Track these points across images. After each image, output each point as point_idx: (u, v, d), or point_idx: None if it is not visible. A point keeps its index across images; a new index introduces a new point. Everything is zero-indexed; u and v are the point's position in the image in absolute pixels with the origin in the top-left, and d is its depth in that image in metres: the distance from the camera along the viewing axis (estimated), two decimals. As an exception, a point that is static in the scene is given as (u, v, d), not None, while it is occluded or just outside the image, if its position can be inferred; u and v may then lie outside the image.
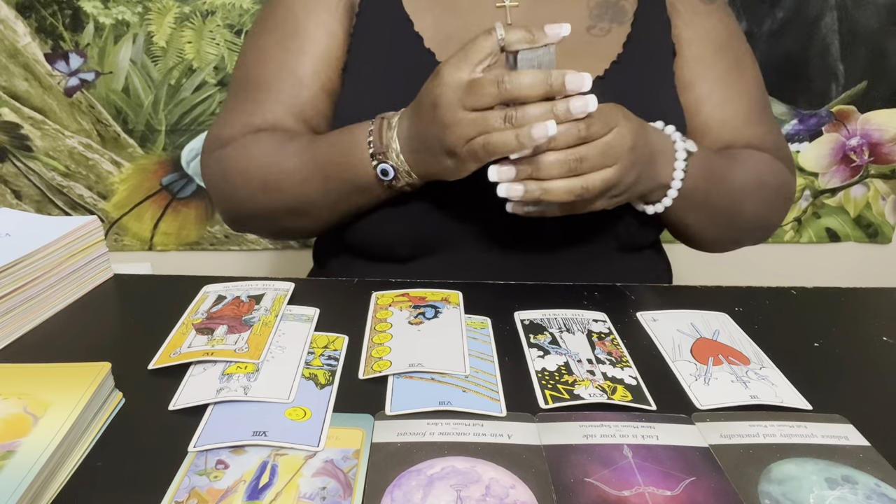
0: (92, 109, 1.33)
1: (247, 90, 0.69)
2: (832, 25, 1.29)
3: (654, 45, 0.71)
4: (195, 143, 1.38)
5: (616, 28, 0.70)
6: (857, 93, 1.35)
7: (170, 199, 1.42)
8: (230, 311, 0.52)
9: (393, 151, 0.58)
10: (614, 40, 0.69)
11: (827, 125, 1.37)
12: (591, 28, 0.69)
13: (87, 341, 0.50)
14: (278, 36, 0.68)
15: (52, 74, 1.30)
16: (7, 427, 0.36)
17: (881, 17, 1.29)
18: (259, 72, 0.69)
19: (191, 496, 0.34)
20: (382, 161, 0.58)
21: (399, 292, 0.57)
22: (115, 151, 1.37)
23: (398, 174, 0.58)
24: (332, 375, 0.45)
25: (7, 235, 0.54)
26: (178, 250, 1.46)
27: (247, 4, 1.29)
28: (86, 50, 1.29)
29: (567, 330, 0.52)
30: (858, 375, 0.49)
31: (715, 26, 0.73)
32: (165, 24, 1.29)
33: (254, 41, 0.71)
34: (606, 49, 0.69)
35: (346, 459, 0.37)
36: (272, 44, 0.69)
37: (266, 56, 0.69)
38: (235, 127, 0.67)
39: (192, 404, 0.41)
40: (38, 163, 1.36)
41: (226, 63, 1.33)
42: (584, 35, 0.69)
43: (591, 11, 0.70)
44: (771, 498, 0.35)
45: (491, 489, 0.35)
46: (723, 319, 0.55)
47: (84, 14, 1.27)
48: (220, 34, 1.31)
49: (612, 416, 0.42)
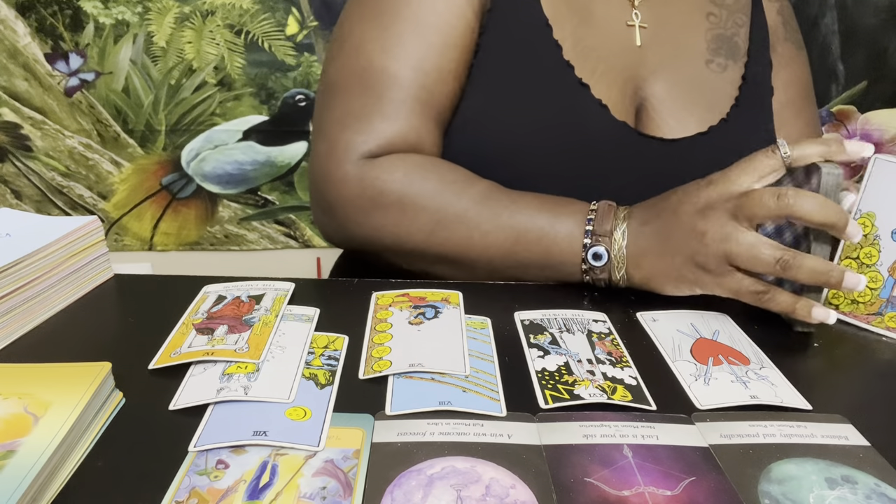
0: (92, 109, 1.33)
1: (379, 86, 0.61)
2: (832, 25, 1.29)
3: (763, 87, 0.71)
4: (195, 143, 1.38)
5: (732, 65, 0.69)
6: (857, 93, 1.35)
7: (170, 199, 1.42)
8: (230, 311, 0.52)
9: (616, 239, 0.55)
10: (730, 79, 0.69)
11: (827, 125, 1.37)
12: (710, 63, 0.69)
13: (87, 341, 0.50)
14: (413, 25, 0.62)
15: (52, 74, 1.30)
16: (7, 427, 0.36)
17: (881, 16, 1.29)
18: (392, 65, 0.61)
19: (191, 496, 0.34)
20: (597, 244, 0.55)
21: (399, 292, 0.57)
22: (115, 151, 1.37)
23: (609, 265, 0.55)
24: (333, 375, 0.45)
25: (7, 235, 0.54)
26: (178, 250, 1.46)
27: (247, 4, 1.29)
28: (86, 50, 1.29)
29: (567, 330, 0.52)
30: (858, 375, 0.49)
31: (805, 73, 0.75)
32: (165, 24, 1.29)
33: (374, 29, 0.63)
34: (725, 88, 0.69)
35: (346, 459, 0.37)
36: (407, 33, 0.62)
37: (399, 47, 0.61)
38: (378, 135, 0.61)
39: (193, 404, 0.41)
40: (38, 163, 1.36)
41: (225, 63, 1.33)
42: (704, 69, 0.68)
43: (708, 45, 0.69)
44: (771, 498, 0.35)
45: (491, 489, 0.35)
46: (723, 319, 0.55)
47: (84, 14, 1.27)
48: (220, 34, 1.31)
49: (612, 416, 0.42)
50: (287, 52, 1.35)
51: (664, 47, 0.60)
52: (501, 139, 0.64)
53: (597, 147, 0.64)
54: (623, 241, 0.55)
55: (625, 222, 0.55)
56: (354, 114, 0.62)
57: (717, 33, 0.70)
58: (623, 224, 0.55)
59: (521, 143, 0.64)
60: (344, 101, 0.63)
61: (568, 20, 0.65)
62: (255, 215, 1.47)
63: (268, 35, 1.33)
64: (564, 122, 0.64)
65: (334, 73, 0.64)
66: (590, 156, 0.64)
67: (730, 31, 0.70)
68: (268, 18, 1.32)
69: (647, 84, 0.67)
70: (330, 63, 0.66)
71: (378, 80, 0.62)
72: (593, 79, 0.65)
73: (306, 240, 1.51)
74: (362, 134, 0.61)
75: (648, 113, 0.67)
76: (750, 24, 0.72)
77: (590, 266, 0.56)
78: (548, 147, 0.64)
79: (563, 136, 0.64)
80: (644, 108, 0.67)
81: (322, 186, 0.63)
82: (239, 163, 1.42)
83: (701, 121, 0.67)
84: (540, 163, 0.64)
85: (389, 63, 0.61)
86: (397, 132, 0.61)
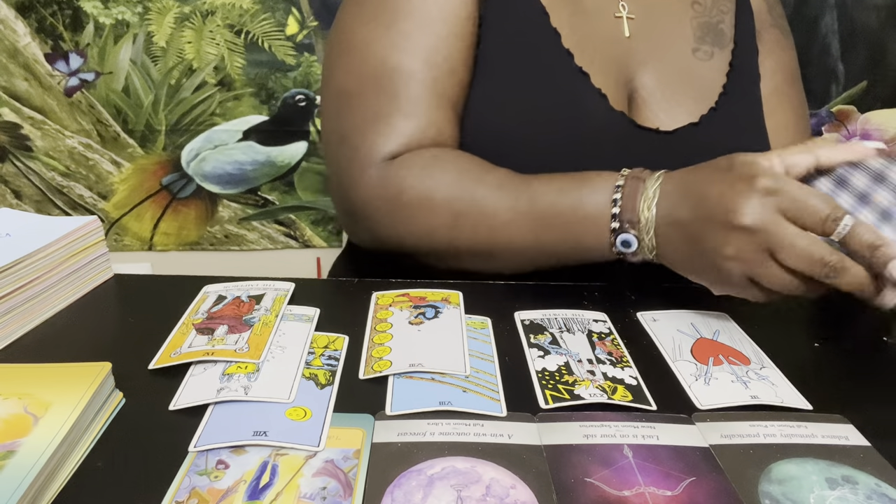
0: (92, 109, 1.33)
1: (393, 85, 0.61)
2: (832, 25, 1.29)
3: (750, 74, 0.71)
4: (195, 143, 1.38)
5: (718, 53, 0.69)
6: (857, 93, 1.35)
7: (170, 199, 1.42)
8: (230, 311, 0.52)
9: (644, 228, 0.52)
10: (717, 67, 0.69)
11: (827, 125, 1.37)
12: (696, 51, 0.69)
13: (87, 341, 0.50)
14: (418, 19, 0.61)
15: (52, 74, 1.30)
16: (7, 427, 0.36)
17: (881, 16, 1.29)
18: (404, 61, 0.60)
19: (191, 496, 0.34)
20: (626, 231, 0.53)
21: (399, 292, 0.57)
22: (115, 151, 1.37)
23: (640, 250, 0.53)
24: (333, 375, 0.45)
25: (7, 235, 0.53)
26: (178, 250, 1.46)
27: (247, 4, 1.29)
28: (86, 50, 1.29)
29: (567, 330, 0.52)
30: (858, 375, 0.49)
31: (792, 59, 0.75)
32: (165, 24, 1.29)
33: (377, 28, 0.62)
34: (712, 76, 0.68)
35: (346, 459, 0.37)
36: (413, 28, 0.61)
37: (408, 42, 0.61)
38: (399, 134, 0.60)
39: (193, 404, 0.41)
40: (38, 163, 1.36)
41: (225, 63, 1.33)
42: (691, 58, 0.68)
43: (694, 33, 0.69)
44: (771, 498, 0.35)
45: (491, 489, 0.35)
46: (723, 319, 0.55)
47: (84, 14, 1.27)
48: (220, 34, 1.31)
49: (613, 416, 0.42)
50: (287, 52, 1.35)
51: (652, 37, 0.60)
52: (504, 129, 0.64)
53: (595, 137, 0.64)
54: (651, 227, 0.52)
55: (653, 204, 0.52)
56: (373, 116, 0.61)
57: (703, 21, 0.70)
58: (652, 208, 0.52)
59: (524, 132, 0.63)
60: (360, 105, 0.62)
61: (563, 9, 0.65)
62: (255, 215, 1.47)
63: (268, 35, 1.33)
64: (566, 110, 0.64)
65: (343, 79, 0.63)
66: (588, 145, 0.64)
67: (715, 19, 0.71)
68: (268, 18, 1.32)
69: (637, 75, 0.68)
70: (335, 69, 0.64)
71: (392, 78, 0.61)
72: (592, 68, 0.65)
73: (306, 240, 1.51)
74: (384, 136, 0.60)
75: (638, 104, 0.67)
76: (735, 11, 0.73)
77: (620, 251, 0.54)
78: (550, 136, 0.63)
79: (565, 124, 0.64)
80: (634, 99, 0.68)
81: (347, 193, 0.62)
82: (239, 163, 1.42)
83: (690, 110, 0.67)
84: (541, 151, 0.64)
85: (401, 59, 0.61)
86: (417, 128, 0.61)
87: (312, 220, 1.49)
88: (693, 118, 0.67)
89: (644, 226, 0.52)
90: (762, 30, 0.73)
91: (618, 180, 0.54)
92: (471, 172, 0.59)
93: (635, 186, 0.53)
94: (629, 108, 0.68)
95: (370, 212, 0.61)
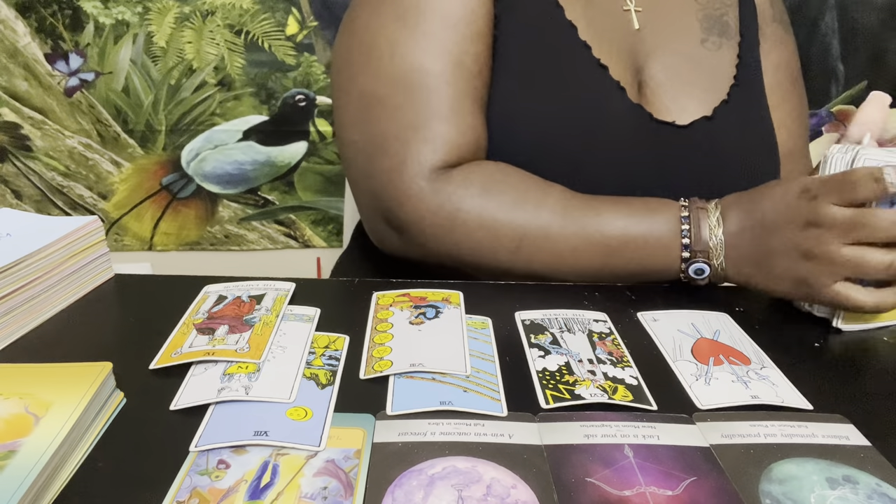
0: (92, 109, 1.33)
1: (425, 88, 0.59)
2: (832, 25, 1.29)
3: (757, 67, 0.71)
4: (195, 143, 1.38)
5: (726, 44, 0.70)
6: (857, 93, 1.35)
7: (170, 199, 1.42)
8: (231, 311, 0.52)
9: (714, 256, 0.55)
10: (726, 58, 0.69)
11: (827, 125, 1.37)
12: (705, 41, 0.69)
13: (88, 341, 0.50)
14: (441, 20, 0.60)
15: (52, 74, 1.30)
16: (8, 427, 0.36)
17: (881, 16, 1.29)
18: (433, 63, 0.60)
19: (192, 496, 0.34)
20: (698, 261, 0.56)
21: (400, 292, 0.57)
22: (115, 151, 1.37)
23: (712, 275, 0.56)
24: (333, 375, 0.45)
25: (7, 235, 0.54)
26: (178, 250, 1.46)
27: (247, 4, 1.29)
28: (86, 50, 1.29)
29: (568, 330, 0.52)
30: (858, 375, 0.49)
31: (793, 56, 0.75)
32: (165, 24, 1.29)
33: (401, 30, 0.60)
34: (722, 67, 0.69)
35: (347, 459, 0.37)
36: (437, 29, 0.60)
37: (434, 43, 0.60)
38: (442, 140, 0.59)
39: (194, 404, 0.41)
40: (38, 163, 1.36)
41: (225, 63, 1.33)
42: (699, 48, 0.69)
43: (700, 24, 0.70)
44: (772, 497, 0.35)
45: (492, 489, 0.35)
46: (723, 319, 0.55)
47: (84, 14, 1.27)
48: (220, 34, 1.31)
49: (613, 416, 0.42)
50: (287, 52, 1.35)
51: (660, 29, 0.60)
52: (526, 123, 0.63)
53: (616, 129, 0.64)
54: (720, 255, 0.55)
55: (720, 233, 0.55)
56: (411, 122, 0.59)
57: (708, 13, 0.71)
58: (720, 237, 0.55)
59: (546, 126, 0.63)
60: (393, 110, 0.60)
61: (576, 2, 0.66)
62: (255, 215, 1.47)
63: (268, 35, 1.33)
64: (588, 102, 0.64)
65: (369, 82, 0.61)
66: (609, 137, 0.64)
67: (719, 12, 0.71)
68: (268, 18, 1.32)
69: (647, 66, 0.68)
70: (358, 72, 0.62)
71: (423, 81, 0.60)
72: (610, 60, 0.65)
73: (306, 240, 1.52)
74: (427, 143, 0.59)
75: (647, 95, 0.67)
76: (739, 4, 0.73)
77: (690, 278, 0.57)
78: (572, 129, 0.63)
79: (587, 116, 0.64)
80: (643, 91, 0.68)
81: (392, 205, 0.60)
82: (239, 163, 1.42)
83: (700, 100, 0.67)
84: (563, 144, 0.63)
85: (429, 62, 0.60)
86: (458, 133, 0.60)
87: (312, 220, 1.49)
88: (703, 108, 0.67)
89: (714, 252, 0.55)
90: (764, 24, 0.74)
91: (682, 211, 0.57)
92: (530, 192, 0.59)
93: (698, 215, 0.56)
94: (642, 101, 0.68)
95: (423, 227, 0.59)
